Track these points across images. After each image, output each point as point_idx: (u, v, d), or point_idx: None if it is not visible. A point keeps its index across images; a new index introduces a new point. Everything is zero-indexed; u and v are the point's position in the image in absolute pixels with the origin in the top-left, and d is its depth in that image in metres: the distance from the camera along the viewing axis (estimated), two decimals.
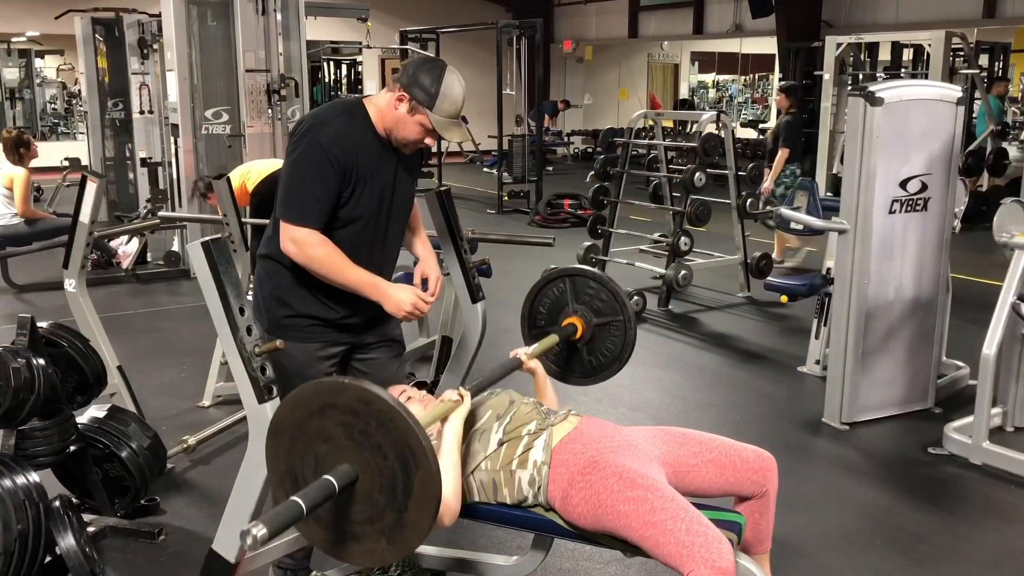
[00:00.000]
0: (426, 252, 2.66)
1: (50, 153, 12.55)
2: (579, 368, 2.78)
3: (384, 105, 2.40)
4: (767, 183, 7.19)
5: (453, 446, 2.16)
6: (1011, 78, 14.70)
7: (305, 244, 2.33)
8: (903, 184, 4.04)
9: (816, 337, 4.89)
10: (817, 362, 4.87)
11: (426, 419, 2.08)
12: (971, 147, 9.47)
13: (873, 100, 3.88)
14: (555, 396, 2.61)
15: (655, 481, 2.09)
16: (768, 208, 6.56)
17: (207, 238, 2.07)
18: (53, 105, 17.49)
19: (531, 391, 2.57)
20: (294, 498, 1.73)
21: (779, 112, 7.98)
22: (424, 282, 2.57)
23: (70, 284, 3.63)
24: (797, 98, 7.65)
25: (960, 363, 4.68)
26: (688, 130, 15.27)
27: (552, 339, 2.66)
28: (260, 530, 1.61)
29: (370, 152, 2.40)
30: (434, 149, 12.75)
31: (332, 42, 15.02)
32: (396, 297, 2.39)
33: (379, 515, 1.84)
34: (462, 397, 2.23)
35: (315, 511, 1.78)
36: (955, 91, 4.16)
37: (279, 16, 7.15)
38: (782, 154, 7.32)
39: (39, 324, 2.89)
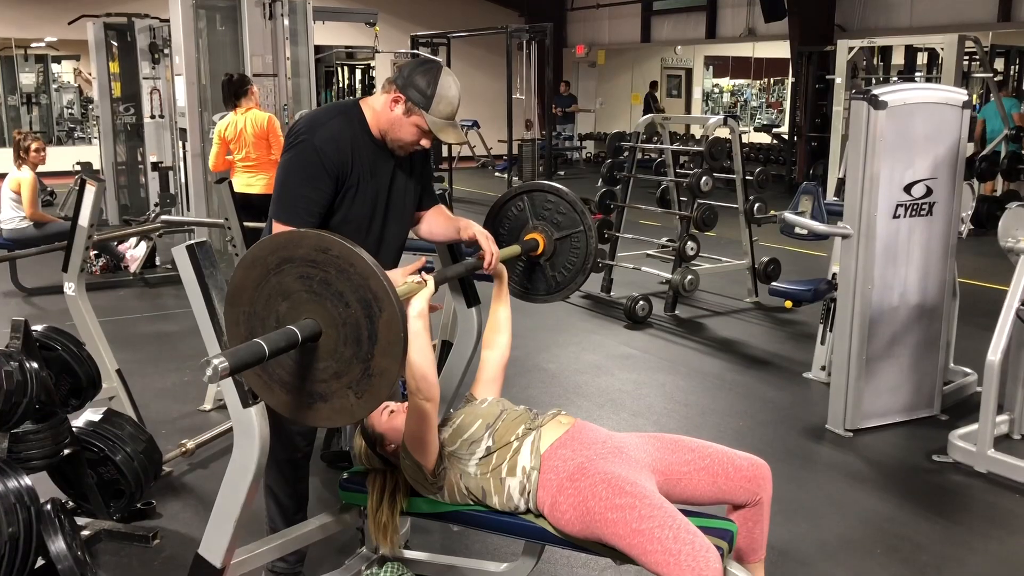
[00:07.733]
0: (466, 221, 2.59)
1: (65, 157, 12.66)
2: (543, 285, 2.76)
3: (380, 107, 2.38)
4: None
5: (421, 324, 2.12)
6: None
7: None
8: (907, 188, 3.99)
9: (822, 343, 4.85)
10: (823, 368, 4.83)
11: None
12: (984, 151, 9.37)
13: (876, 104, 3.84)
14: (508, 302, 2.62)
15: (644, 488, 2.07)
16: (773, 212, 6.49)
17: (192, 241, 2.07)
18: (70, 110, 17.61)
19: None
20: (257, 340, 1.67)
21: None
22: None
23: (69, 287, 3.63)
24: None
25: (968, 369, 4.62)
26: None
27: (515, 248, 2.65)
28: (222, 362, 1.57)
29: (365, 155, 2.39)
30: (445, 153, 12.76)
31: (347, 47, 15.05)
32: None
33: (345, 368, 1.79)
34: (425, 281, 2.20)
35: (277, 356, 1.72)
36: (960, 94, 4.10)
37: (286, 21, 7.19)
38: None
39: (34, 327, 2.90)
